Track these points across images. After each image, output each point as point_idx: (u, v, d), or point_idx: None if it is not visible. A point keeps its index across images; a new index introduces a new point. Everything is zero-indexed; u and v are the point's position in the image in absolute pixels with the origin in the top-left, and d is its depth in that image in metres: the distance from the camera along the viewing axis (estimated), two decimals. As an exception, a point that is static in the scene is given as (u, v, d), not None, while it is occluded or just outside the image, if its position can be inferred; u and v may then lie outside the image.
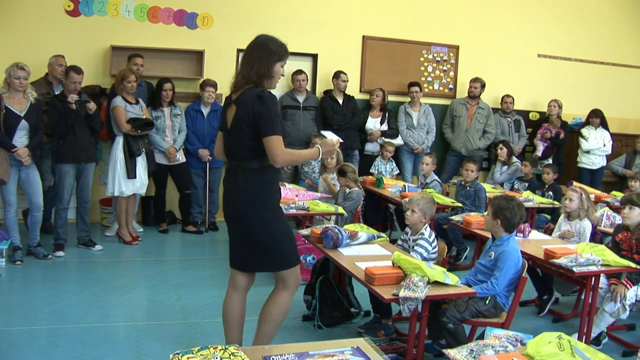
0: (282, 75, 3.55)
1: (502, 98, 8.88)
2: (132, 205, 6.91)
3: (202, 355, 2.28)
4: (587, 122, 8.92)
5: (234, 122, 3.33)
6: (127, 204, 6.76)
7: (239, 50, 8.05)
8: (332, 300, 4.63)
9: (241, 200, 3.36)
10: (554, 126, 8.64)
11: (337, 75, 8.11)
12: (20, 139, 5.65)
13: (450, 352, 2.47)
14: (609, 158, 9.05)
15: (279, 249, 3.44)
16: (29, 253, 5.98)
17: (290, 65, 8.16)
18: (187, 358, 2.27)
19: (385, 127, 8.25)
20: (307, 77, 8.07)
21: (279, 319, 3.55)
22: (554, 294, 5.18)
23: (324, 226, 4.48)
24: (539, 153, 8.63)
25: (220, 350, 2.31)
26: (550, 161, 8.53)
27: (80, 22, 7.36)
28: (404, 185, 6.72)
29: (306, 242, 5.22)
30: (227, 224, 3.58)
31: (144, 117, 6.62)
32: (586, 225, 5.28)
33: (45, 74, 6.71)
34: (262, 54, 3.37)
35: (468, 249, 6.61)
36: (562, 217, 5.54)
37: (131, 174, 6.53)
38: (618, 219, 5.61)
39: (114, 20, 7.49)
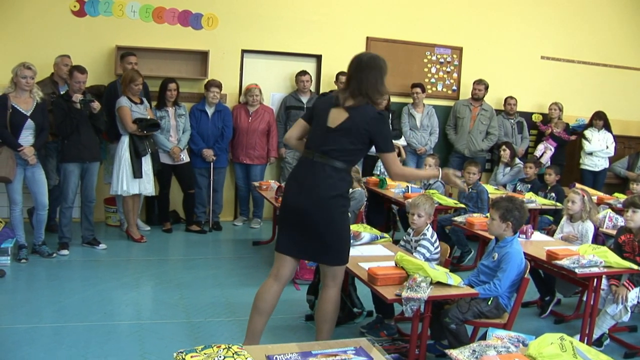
0: None
1: (505, 100, 8.89)
2: (137, 204, 6.95)
3: (205, 354, 2.29)
4: (590, 124, 8.92)
5: (343, 125, 3.50)
6: (133, 203, 6.79)
7: (243, 51, 8.08)
8: (335, 300, 4.64)
9: (324, 194, 3.50)
10: (559, 127, 8.68)
11: (337, 76, 8.12)
12: (26, 138, 5.67)
13: (453, 352, 2.48)
14: (612, 160, 9.05)
15: (342, 245, 3.61)
16: (33, 251, 6.01)
17: (294, 66, 8.22)
18: (191, 357, 2.28)
19: (388, 128, 8.24)
20: (311, 78, 8.09)
21: (335, 316, 3.71)
22: (556, 295, 5.19)
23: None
24: (544, 160, 8.58)
25: (223, 349, 2.32)
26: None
27: (86, 23, 7.39)
28: (407, 186, 6.73)
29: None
30: (290, 213, 3.65)
31: (149, 117, 6.65)
32: (588, 227, 5.29)
33: (51, 74, 6.74)
34: (377, 70, 3.57)
35: (472, 252, 6.60)
36: (564, 218, 5.55)
37: (137, 173, 6.56)
38: (620, 221, 5.61)
39: (120, 21, 7.52)
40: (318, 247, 3.58)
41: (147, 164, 6.68)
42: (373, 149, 7.98)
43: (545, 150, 8.70)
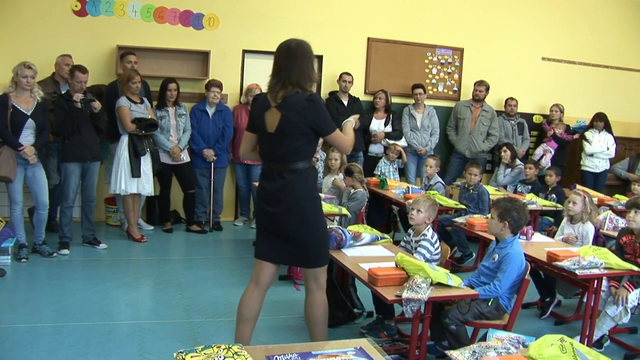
0: None
1: (506, 101, 8.89)
2: (138, 204, 6.95)
3: (205, 354, 2.29)
4: (591, 126, 8.92)
5: (280, 126, 3.38)
6: (133, 202, 6.80)
7: (244, 51, 8.08)
8: (335, 301, 4.64)
9: (289, 201, 3.44)
10: (560, 128, 8.67)
11: (340, 75, 8.15)
12: (27, 137, 5.68)
13: (453, 353, 2.48)
14: (612, 162, 9.05)
15: (319, 246, 3.56)
16: (34, 251, 6.01)
17: (296, 67, 8.18)
18: (191, 357, 2.28)
19: (389, 128, 8.27)
20: (312, 79, 8.07)
21: (325, 317, 3.63)
22: (557, 296, 5.19)
23: (328, 227, 4.50)
24: (544, 162, 8.57)
25: (223, 349, 2.32)
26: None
27: (87, 22, 7.40)
28: (408, 187, 6.73)
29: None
30: (265, 220, 3.59)
31: (149, 116, 6.65)
32: (589, 229, 5.28)
33: (52, 73, 6.74)
34: (307, 57, 3.45)
35: (473, 255, 6.59)
36: (564, 220, 5.55)
37: (135, 172, 6.57)
38: (621, 222, 5.61)
39: (121, 21, 7.52)
40: (295, 250, 3.53)
41: (146, 163, 6.69)
42: (372, 148, 7.94)
43: (545, 153, 8.70)
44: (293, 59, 3.39)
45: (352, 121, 3.73)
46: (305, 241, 3.50)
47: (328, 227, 4.47)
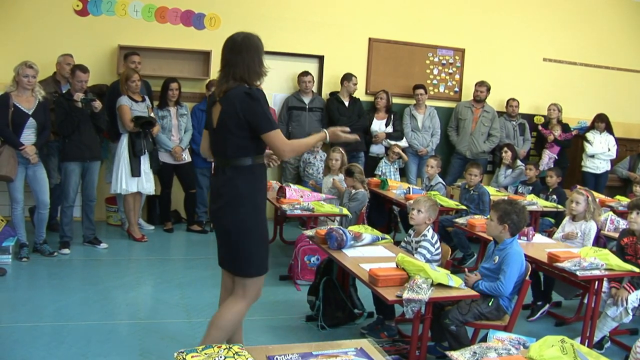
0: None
1: (508, 101, 8.89)
2: (138, 203, 6.96)
3: (206, 354, 2.29)
4: (592, 127, 8.92)
5: (220, 120, 3.26)
6: (134, 202, 6.80)
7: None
8: (336, 301, 4.65)
9: (228, 197, 3.28)
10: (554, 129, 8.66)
11: (348, 77, 8.13)
12: (28, 137, 5.68)
13: (454, 354, 2.48)
14: (613, 163, 9.05)
15: (251, 253, 3.32)
16: (35, 250, 6.01)
17: (297, 67, 8.22)
18: (192, 357, 2.28)
19: (390, 129, 8.27)
20: (313, 79, 8.09)
21: (230, 327, 3.35)
22: (552, 300, 5.19)
23: (329, 227, 4.50)
24: (544, 165, 8.56)
25: (224, 349, 2.32)
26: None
27: (89, 22, 7.40)
28: (409, 187, 6.73)
29: (310, 242, 5.25)
30: (213, 222, 3.55)
31: (147, 115, 6.65)
32: (592, 226, 5.27)
33: (54, 73, 6.75)
34: (253, 51, 3.28)
35: (475, 255, 6.58)
36: (567, 218, 5.54)
37: (135, 172, 6.58)
38: (622, 224, 5.61)
39: (122, 20, 7.52)
40: (228, 254, 3.37)
41: (145, 163, 6.69)
42: (372, 148, 7.92)
43: (550, 160, 8.70)
44: (238, 53, 3.26)
45: (324, 135, 3.52)
46: (237, 242, 3.29)
47: (329, 227, 4.49)
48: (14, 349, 3.89)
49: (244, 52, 3.26)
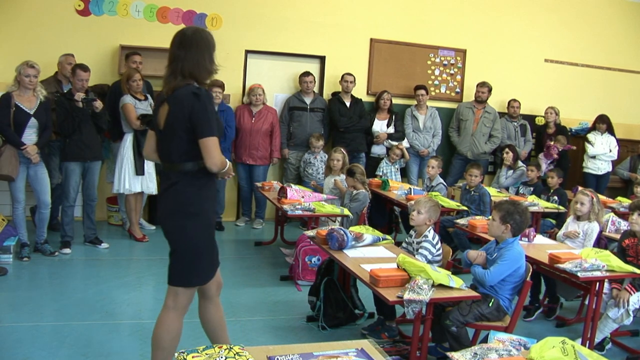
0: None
1: (509, 102, 8.89)
2: (140, 203, 6.96)
3: (207, 354, 2.29)
4: (593, 128, 8.92)
5: (167, 121, 3.05)
6: (135, 202, 6.80)
7: (247, 52, 8.09)
8: (337, 302, 4.65)
9: (171, 203, 3.12)
10: (560, 144, 8.58)
11: (342, 76, 8.17)
12: (30, 136, 5.68)
13: (454, 355, 2.48)
14: (615, 164, 9.04)
15: (190, 262, 3.14)
16: (36, 250, 6.02)
17: (298, 67, 8.23)
18: (193, 357, 2.28)
19: (391, 129, 8.27)
20: (314, 79, 8.10)
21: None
22: (559, 301, 5.19)
23: (330, 227, 4.50)
24: (542, 171, 8.54)
25: (225, 349, 2.32)
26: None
27: (90, 22, 7.41)
28: (410, 188, 6.73)
29: (311, 243, 5.25)
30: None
31: (151, 113, 6.66)
32: (594, 227, 5.27)
33: (55, 73, 6.76)
34: (203, 47, 3.13)
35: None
36: (570, 217, 5.54)
37: (139, 170, 6.60)
38: (623, 225, 5.61)
39: (124, 20, 7.54)
40: (170, 261, 3.18)
41: (149, 162, 6.70)
42: (374, 149, 7.91)
43: (547, 166, 8.68)
44: (187, 49, 3.08)
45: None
46: (176, 250, 3.14)
47: (330, 227, 4.49)
48: (15, 349, 3.89)
49: (193, 48, 3.09)
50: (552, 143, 8.53)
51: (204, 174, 3.11)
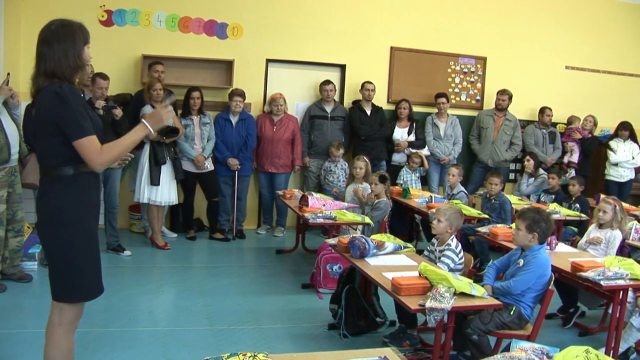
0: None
1: (541, 110, 8.81)
2: (162, 211, 7.02)
3: (231, 361, 2.31)
4: (616, 135, 8.84)
5: (34, 124, 2.84)
6: (158, 210, 6.86)
7: (267, 60, 8.13)
8: (358, 310, 4.65)
9: (44, 212, 2.89)
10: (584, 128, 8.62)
11: (362, 84, 8.19)
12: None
13: (476, 363, 2.48)
14: (637, 171, 8.95)
15: (71, 275, 2.94)
16: (60, 257, 6.07)
17: (319, 76, 8.26)
18: (217, 364, 2.30)
19: (412, 137, 8.27)
20: (335, 88, 8.12)
21: None
22: (580, 307, 5.15)
23: (351, 236, 4.51)
24: (574, 158, 8.52)
25: (249, 357, 2.33)
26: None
27: (113, 32, 7.51)
28: (431, 196, 6.71)
29: (333, 251, 5.26)
30: None
31: (172, 123, 6.71)
32: (616, 235, 5.24)
33: (77, 82, 6.82)
34: (68, 41, 2.86)
35: (491, 259, 6.53)
36: (593, 225, 5.50)
37: (154, 180, 6.64)
38: (647, 233, 5.56)
39: (146, 30, 7.62)
40: (50, 274, 2.96)
41: (166, 172, 6.76)
42: (394, 157, 7.89)
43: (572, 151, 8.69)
44: (49, 45, 2.84)
45: (141, 126, 3.23)
46: (55, 262, 2.92)
47: (352, 235, 4.49)
48: (39, 355, 3.91)
49: (55, 44, 2.84)
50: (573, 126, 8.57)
51: (82, 177, 2.88)
